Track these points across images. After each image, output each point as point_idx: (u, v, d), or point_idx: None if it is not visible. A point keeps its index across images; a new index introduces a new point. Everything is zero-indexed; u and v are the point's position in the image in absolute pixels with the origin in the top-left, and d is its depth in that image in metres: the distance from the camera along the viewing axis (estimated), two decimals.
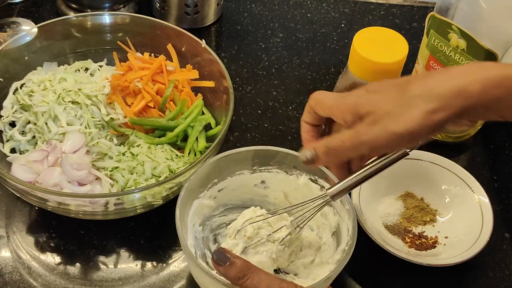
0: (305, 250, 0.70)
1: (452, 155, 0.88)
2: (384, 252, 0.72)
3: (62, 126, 0.78)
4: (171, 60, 0.87)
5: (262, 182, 0.74)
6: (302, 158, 0.61)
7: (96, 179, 0.74)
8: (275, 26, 1.09)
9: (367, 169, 0.63)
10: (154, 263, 0.74)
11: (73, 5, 1.05)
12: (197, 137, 0.80)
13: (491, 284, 0.75)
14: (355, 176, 0.63)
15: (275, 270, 0.71)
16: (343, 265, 0.63)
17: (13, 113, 0.81)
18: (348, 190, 0.64)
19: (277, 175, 0.73)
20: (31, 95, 0.81)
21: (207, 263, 0.69)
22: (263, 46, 1.05)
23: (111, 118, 0.81)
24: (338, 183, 0.64)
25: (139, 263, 0.74)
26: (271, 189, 0.74)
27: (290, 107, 0.95)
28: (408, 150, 0.62)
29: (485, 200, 0.77)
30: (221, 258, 0.58)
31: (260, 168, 0.73)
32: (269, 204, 0.76)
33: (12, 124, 0.81)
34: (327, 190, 0.64)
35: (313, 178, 0.71)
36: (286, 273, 0.70)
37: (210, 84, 0.85)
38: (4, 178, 0.68)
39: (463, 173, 0.80)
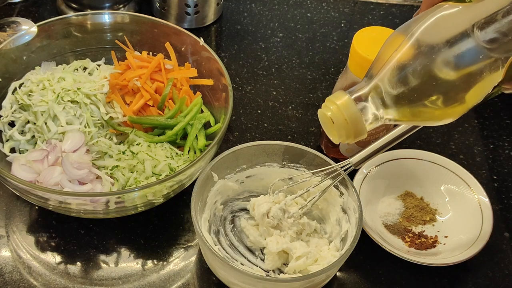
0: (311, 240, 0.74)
1: (452, 155, 0.88)
2: (384, 252, 0.72)
3: (61, 126, 0.78)
4: (169, 58, 0.87)
5: (290, 178, 0.77)
6: None
7: (96, 178, 0.75)
8: (275, 26, 1.09)
9: (385, 138, 0.69)
10: (154, 262, 0.74)
11: (73, 5, 1.05)
12: (196, 135, 0.80)
13: (491, 284, 0.75)
14: (375, 145, 0.69)
15: (273, 271, 0.71)
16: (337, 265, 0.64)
17: (12, 113, 0.81)
18: (368, 158, 0.70)
19: (304, 175, 0.75)
20: (30, 94, 0.81)
21: (218, 239, 0.74)
22: (263, 46, 1.05)
23: (110, 117, 0.81)
24: (359, 151, 0.69)
25: (139, 262, 0.74)
26: (296, 186, 0.76)
27: (290, 107, 0.95)
28: None
29: (485, 199, 0.77)
30: None
31: (289, 165, 0.76)
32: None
33: (12, 124, 0.81)
34: (350, 157, 0.70)
35: (335, 184, 0.72)
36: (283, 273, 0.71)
37: (209, 82, 0.85)
38: (5, 178, 0.68)
39: (463, 172, 0.80)
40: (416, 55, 0.54)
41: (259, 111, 0.94)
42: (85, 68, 0.88)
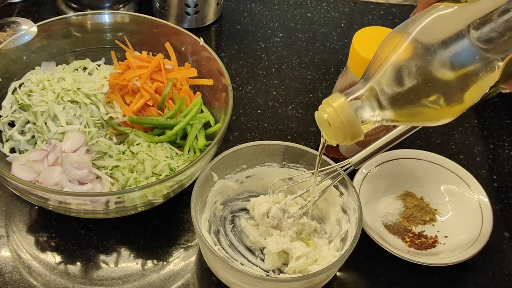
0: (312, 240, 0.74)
1: (452, 155, 0.88)
2: (384, 252, 0.72)
3: (61, 126, 0.78)
4: (169, 58, 0.87)
5: (290, 178, 0.77)
6: None
7: (96, 178, 0.75)
8: (275, 25, 1.09)
9: (385, 138, 0.69)
10: (154, 262, 0.74)
11: (73, 5, 1.05)
12: (196, 135, 0.80)
13: (491, 284, 0.75)
14: (375, 145, 0.70)
15: (272, 271, 0.71)
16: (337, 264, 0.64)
17: (12, 113, 0.81)
18: (368, 158, 0.70)
19: (304, 175, 0.75)
20: (30, 94, 0.81)
21: (218, 239, 0.74)
22: (263, 46, 1.05)
23: (110, 117, 0.81)
24: (359, 151, 0.70)
25: (139, 262, 0.74)
26: (296, 186, 0.76)
27: (290, 107, 0.95)
28: None
29: (485, 199, 0.77)
30: None
31: (289, 165, 0.76)
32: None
33: (12, 124, 0.81)
34: (350, 157, 0.70)
35: (335, 184, 0.72)
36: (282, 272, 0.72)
37: (208, 82, 0.85)
38: (5, 178, 0.68)
39: (463, 172, 0.80)
40: (412, 56, 0.54)
41: (259, 111, 0.94)
42: (85, 68, 0.88)
